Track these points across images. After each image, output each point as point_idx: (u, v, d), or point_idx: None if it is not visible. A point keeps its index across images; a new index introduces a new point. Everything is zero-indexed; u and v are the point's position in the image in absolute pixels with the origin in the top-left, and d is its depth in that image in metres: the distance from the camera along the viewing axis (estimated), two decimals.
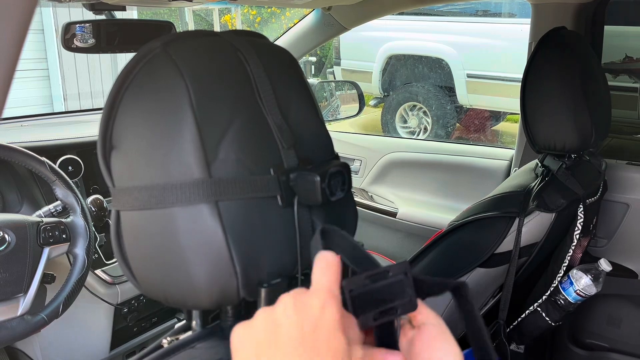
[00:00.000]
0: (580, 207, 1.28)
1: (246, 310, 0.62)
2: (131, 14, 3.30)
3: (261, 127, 0.58)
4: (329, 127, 0.71)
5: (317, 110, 0.67)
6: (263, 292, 0.57)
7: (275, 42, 2.09)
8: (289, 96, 0.63)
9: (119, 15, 1.58)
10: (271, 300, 0.57)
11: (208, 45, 0.60)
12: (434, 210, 2.25)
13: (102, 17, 1.48)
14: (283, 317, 0.42)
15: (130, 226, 0.58)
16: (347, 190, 0.61)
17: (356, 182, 2.45)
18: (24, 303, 1.19)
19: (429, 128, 5.45)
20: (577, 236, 1.29)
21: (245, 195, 0.55)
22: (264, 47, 0.64)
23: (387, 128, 5.61)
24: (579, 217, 1.28)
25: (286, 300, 0.43)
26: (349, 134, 2.71)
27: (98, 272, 1.51)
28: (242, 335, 0.44)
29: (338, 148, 0.68)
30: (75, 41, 1.46)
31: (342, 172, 0.60)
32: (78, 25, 1.44)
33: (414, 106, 5.53)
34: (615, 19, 2.31)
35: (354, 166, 2.46)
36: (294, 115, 0.62)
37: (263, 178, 0.57)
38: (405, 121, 5.56)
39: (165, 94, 0.56)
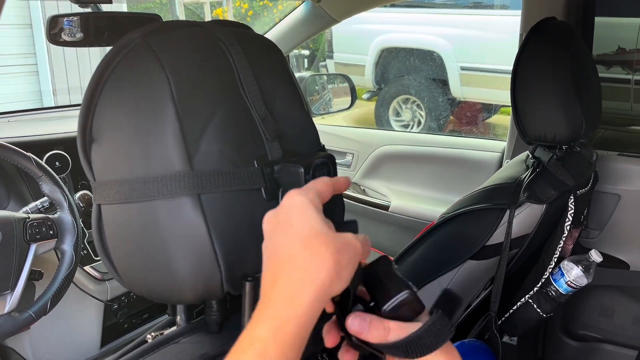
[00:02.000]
0: (571, 198, 1.28)
1: (231, 304, 0.61)
2: (120, 6, 3.26)
3: (244, 118, 0.58)
4: (322, 120, 0.70)
5: (302, 101, 0.66)
6: (247, 285, 0.56)
7: (266, 35, 2.08)
8: (273, 87, 0.62)
9: (105, 8, 1.56)
10: (257, 294, 0.56)
11: (189, 35, 0.59)
12: (426, 203, 2.24)
13: (88, 10, 1.46)
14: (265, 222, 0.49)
15: (111, 220, 0.58)
16: None
17: (348, 175, 2.45)
18: (11, 300, 1.18)
19: (422, 121, 5.44)
20: (568, 227, 1.29)
21: (229, 188, 0.55)
22: (247, 37, 0.63)
23: (381, 121, 5.60)
24: (569, 208, 1.28)
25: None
26: (341, 127, 2.70)
27: (87, 268, 1.50)
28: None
29: (330, 141, 0.68)
30: (62, 35, 1.44)
31: (327, 163, 0.60)
32: (66, 19, 1.42)
33: (408, 99, 5.52)
34: (607, 10, 2.31)
35: (346, 160, 2.45)
36: (278, 107, 0.61)
37: (247, 170, 0.56)
38: (398, 114, 5.56)
39: (145, 85, 0.55)
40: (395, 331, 0.47)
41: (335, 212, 0.66)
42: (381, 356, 0.50)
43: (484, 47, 5.08)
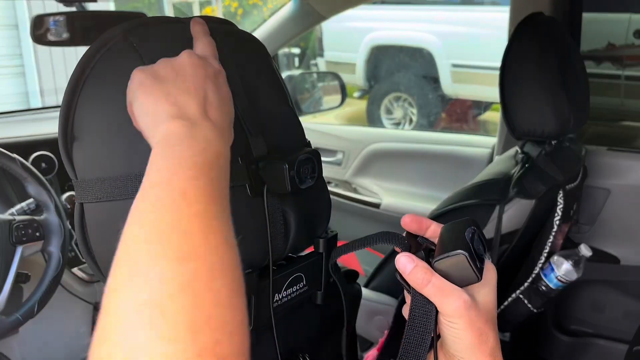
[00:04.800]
0: (560, 193, 1.28)
1: None
2: (107, 5, 3.24)
3: None
4: (313, 119, 0.70)
5: (287, 97, 0.66)
6: None
7: (254, 33, 2.06)
8: (257, 83, 0.61)
9: (92, 7, 1.55)
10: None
11: (171, 31, 0.59)
12: (418, 200, 2.24)
13: (73, 9, 1.45)
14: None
15: (94, 219, 0.57)
16: (318, 178, 0.60)
17: (339, 174, 2.44)
18: None
19: (414, 119, 5.44)
20: (557, 222, 1.29)
21: None
22: (230, 33, 0.63)
23: (373, 119, 5.60)
24: (559, 203, 1.28)
25: None
26: (331, 125, 2.69)
27: (75, 270, 1.48)
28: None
29: (320, 140, 0.68)
30: (48, 35, 1.43)
31: (312, 159, 0.59)
32: (52, 19, 1.41)
33: (399, 97, 5.52)
34: (596, 6, 2.32)
35: (336, 158, 2.44)
36: (262, 103, 0.61)
37: (230, 166, 0.55)
38: (390, 112, 5.56)
39: (126, 82, 0.54)
40: (433, 287, 0.48)
41: (322, 210, 0.66)
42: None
43: (475, 43, 5.09)
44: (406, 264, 0.50)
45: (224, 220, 0.42)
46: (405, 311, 0.54)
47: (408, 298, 0.53)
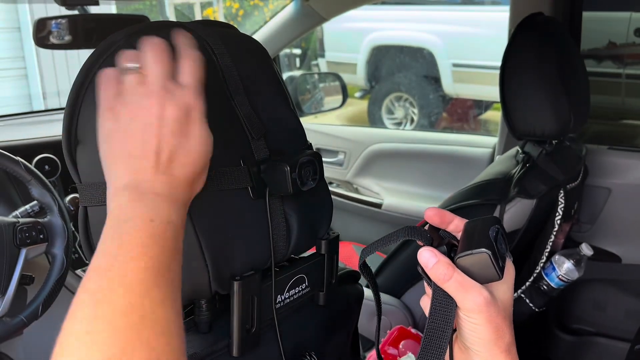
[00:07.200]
0: (561, 193, 1.28)
1: (220, 304, 0.61)
2: (109, 8, 3.25)
3: (229, 118, 0.58)
4: (314, 119, 0.70)
5: (288, 100, 0.66)
6: (236, 285, 0.56)
7: (255, 35, 2.06)
8: (258, 87, 0.62)
9: (93, 10, 1.56)
10: (244, 293, 0.56)
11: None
12: (419, 200, 2.25)
13: (75, 12, 1.45)
14: None
15: (98, 222, 0.57)
16: (319, 180, 0.61)
17: (341, 174, 2.45)
18: (2, 305, 1.16)
19: (415, 119, 5.44)
20: (559, 222, 1.30)
21: (215, 188, 0.54)
22: (232, 37, 0.63)
23: (374, 119, 5.60)
24: (559, 203, 1.28)
25: None
26: (333, 126, 2.69)
27: (79, 272, 1.49)
28: None
29: (321, 140, 0.68)
30: (50, 38, 1.43)
31: (313, 161, 0.60)
32: (54, 22, 1.42)
33: (400, 97, 5.52)
34: (597, 5, 2.32)
35: (338, 158, 2.45)
36: (263, 106, 0.61)
37: (233, 170, 0.56)
38: (391, 112, 5.56)
39: None
40: (454, 283, 0.49)
41: (324, 211, 0.66)
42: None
43: (476, 43, 5.08)
44: (429, 258, 0.51)
45: (163, 306, 0.43)
46: (424, 302, 0.55)
47: (428, 289, 0.54)
